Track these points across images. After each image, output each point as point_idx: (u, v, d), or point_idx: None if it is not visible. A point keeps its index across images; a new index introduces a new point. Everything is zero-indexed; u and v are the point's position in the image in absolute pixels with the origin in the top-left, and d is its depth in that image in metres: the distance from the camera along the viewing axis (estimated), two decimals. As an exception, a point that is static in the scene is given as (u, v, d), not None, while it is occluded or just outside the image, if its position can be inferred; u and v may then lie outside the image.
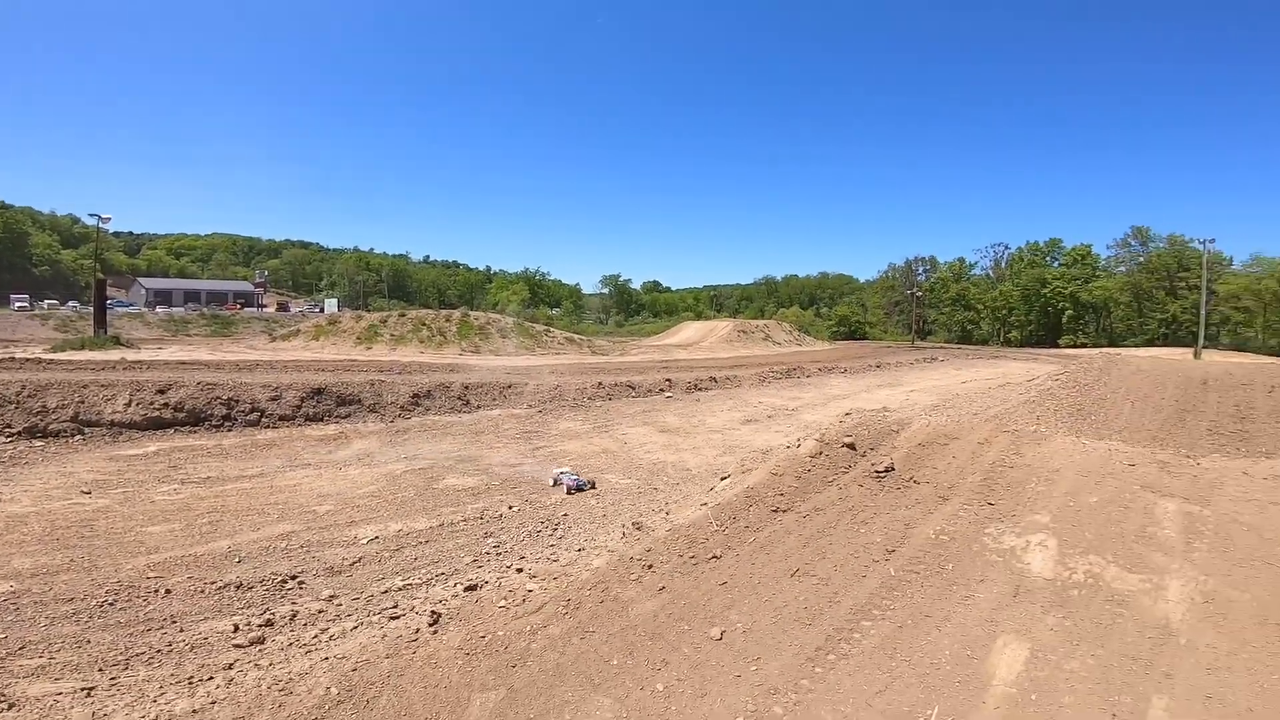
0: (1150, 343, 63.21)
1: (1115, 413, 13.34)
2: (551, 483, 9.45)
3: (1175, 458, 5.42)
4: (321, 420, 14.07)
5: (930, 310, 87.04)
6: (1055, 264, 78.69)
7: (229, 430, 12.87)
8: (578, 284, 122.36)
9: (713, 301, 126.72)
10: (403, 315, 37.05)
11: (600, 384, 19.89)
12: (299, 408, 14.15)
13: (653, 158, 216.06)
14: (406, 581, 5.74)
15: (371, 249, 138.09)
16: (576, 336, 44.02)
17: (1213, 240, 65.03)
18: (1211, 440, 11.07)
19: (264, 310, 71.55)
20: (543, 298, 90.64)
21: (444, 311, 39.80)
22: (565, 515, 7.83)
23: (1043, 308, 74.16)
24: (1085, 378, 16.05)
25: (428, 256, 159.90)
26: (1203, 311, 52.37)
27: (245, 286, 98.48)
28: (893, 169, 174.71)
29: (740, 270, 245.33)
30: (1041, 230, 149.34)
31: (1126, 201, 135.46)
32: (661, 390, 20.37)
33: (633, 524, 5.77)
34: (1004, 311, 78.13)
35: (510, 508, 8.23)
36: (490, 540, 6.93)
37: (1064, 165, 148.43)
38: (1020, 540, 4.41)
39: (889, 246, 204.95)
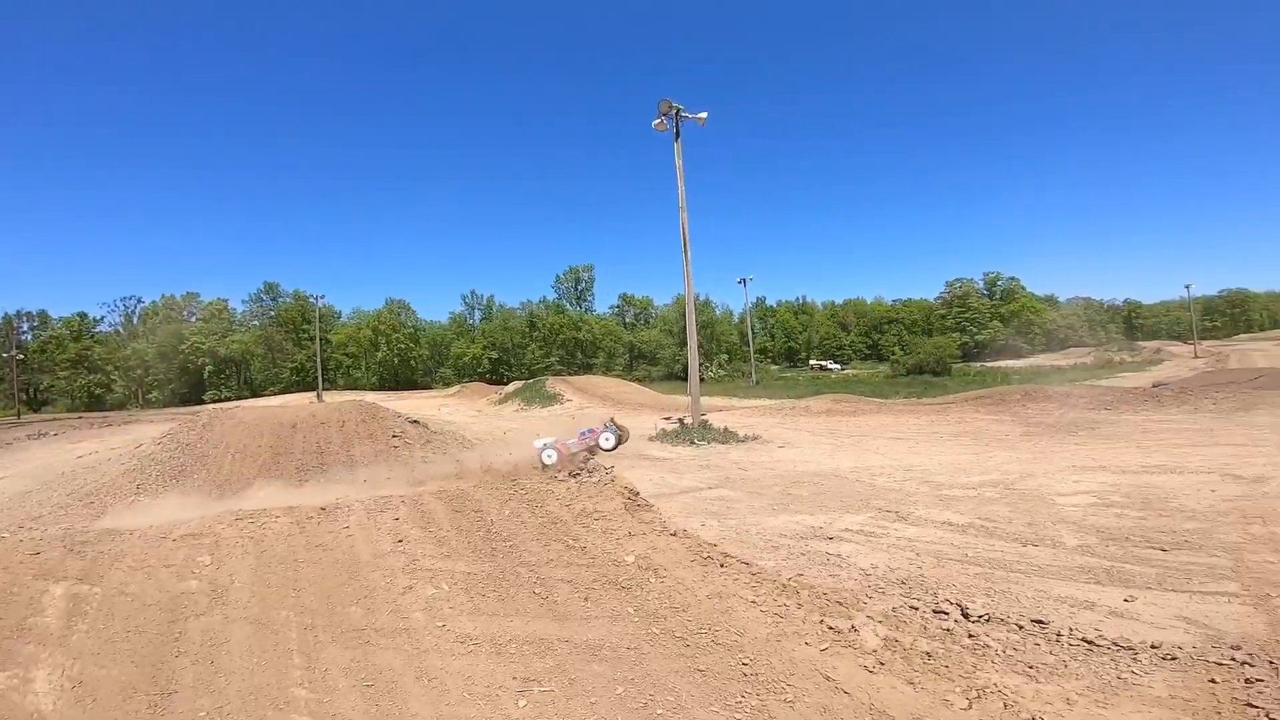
0: (286, 390, 71.87)
1: (217, 467, 14.26)
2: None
3: (93, 537, 5.50)
4: None
5: (45, 376, 70.66)
6: (193, 319, 78.17)
7: None
8: None
9: None
10: None
11: None
12: None
13: None
14: None
15: None
16: None
17: (324, 296, 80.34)
18: (298, 477, 13.26)
19: None
20: None
21: None
22: None
23: (183, 365, 72.40)
24: (188, 437, 16.53)
25: None
26: (318, 359, 63.85)
27: None
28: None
29: None
30: (170, 284, 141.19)
31: (261, 257, 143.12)
32: None
33: None
34: (140, 371, 71.83)
35: None
36: None
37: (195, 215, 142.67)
38: None
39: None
